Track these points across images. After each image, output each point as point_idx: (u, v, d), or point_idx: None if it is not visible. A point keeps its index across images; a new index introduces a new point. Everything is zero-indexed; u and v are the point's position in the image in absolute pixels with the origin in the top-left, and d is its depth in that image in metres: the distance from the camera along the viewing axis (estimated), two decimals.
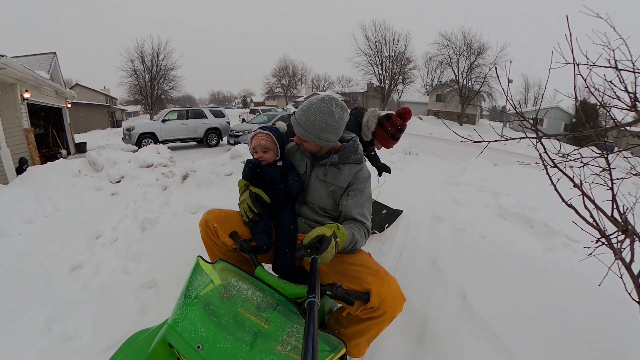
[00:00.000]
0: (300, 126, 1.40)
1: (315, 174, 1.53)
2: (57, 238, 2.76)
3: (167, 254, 2.51)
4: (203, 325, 0.92)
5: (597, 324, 1.90)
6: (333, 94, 1.84)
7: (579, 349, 1.74)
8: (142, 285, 2.15)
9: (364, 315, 1.19)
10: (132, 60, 33.34)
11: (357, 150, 1.53)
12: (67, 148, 12.45)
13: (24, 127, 8.01)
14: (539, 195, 4.38)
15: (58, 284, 2.13)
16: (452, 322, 1.96)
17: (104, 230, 3.03)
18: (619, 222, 1.20)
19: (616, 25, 1.26)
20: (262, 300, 1.03)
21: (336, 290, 1.04)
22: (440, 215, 3.85)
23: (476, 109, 33.86)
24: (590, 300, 2.07)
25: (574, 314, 2.00)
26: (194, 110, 13.95)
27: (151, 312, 1.89)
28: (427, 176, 6.42)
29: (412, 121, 27.92)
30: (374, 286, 1.15)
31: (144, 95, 34.32)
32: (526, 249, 3.00)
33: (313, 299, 0.83)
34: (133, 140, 11.96)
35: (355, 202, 1.41)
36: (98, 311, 1.88)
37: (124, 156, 5.29)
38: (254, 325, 0.95)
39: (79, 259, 2.44)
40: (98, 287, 2.12)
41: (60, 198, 3.72)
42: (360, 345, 1.34)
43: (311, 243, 1.06)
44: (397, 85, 39.38)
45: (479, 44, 31.05)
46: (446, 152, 12.03)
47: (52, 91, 10.99)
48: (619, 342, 1.76)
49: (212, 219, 1.45)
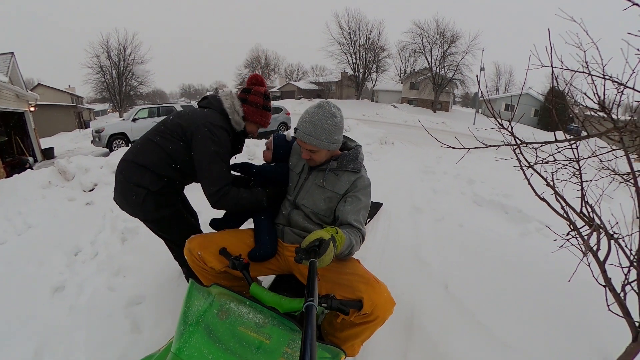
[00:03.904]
0: (309, 136, 1.44)
1: (313, 178, 1.57)
2: (34, 258, 2.63)
3: (151, 266, 2.47)
4: (210, 351, 0.94)
5: (570, 305, 2.07)
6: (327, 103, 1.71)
7: (554, 327, 1.90)
8: (131, 301, 2.11)
9: (358, 320, 1.26)
10: (98, 56, 31.90)
11: (356, 159, 1.56)
12: (33, 155, 11.74)
13: None
14: (511, 181, 4.59)
15: (42, 309, 2.05)
16: (437, 311, 2.06)
17: (82, 244, 2.93)
18: (587, 218, 1.30)
19: (590, 27, 1.33)
20: (260, 318, 1.05)
21: (331, 302, 1.07)
22: (420, 206, 3.98)
23: (449, 96, 34.61)
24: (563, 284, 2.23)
25: (548, 296, 2.17)
26: (165, 107, 13.42)
27: (144, 328, 1.87)
28: (404, 166, 6.57)
29: (387, 110, 28.30)
30: (366, 294, 1.21)
31: (111, 92, 32.88)
32: (502, 235, 3.17)
33: (311, 303, 0.82)
34: (103, 142, 11.42)
35: (352, 208, 1.44)
36: (89, 334, 1.83)
37: (96, 162, 5.08)
38: (255, 341, 0.98)
39: (60, 278, 2.35)
40: (85, 307, 2.06)
41: (31, 213, 3.55)
42: (354, 346, 1.41)
43: (310, 246, 1.05)
44: (371, 73, 39.74)
45: (452, 32, 31.66)
46: (421, 140, 12.30)
47: (12, 95, 10.27)
48: (589, 320, 1.93)
49: (194, 247, 1.46)
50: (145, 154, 1.64)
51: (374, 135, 9.54)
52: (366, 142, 8.67)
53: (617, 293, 1.38)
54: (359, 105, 33.68)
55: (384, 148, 9.04)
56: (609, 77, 1.13)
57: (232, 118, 1.70)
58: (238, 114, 1.71)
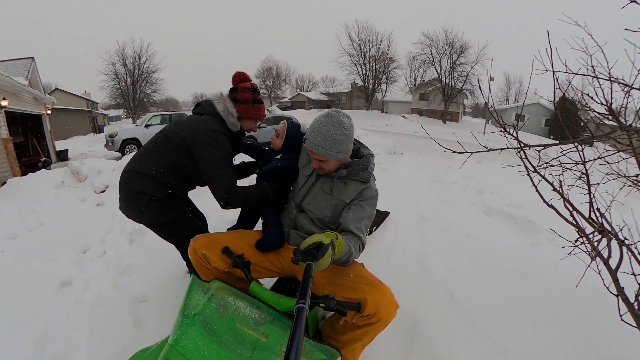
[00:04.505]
0: (319, 147, 1.41)
1: (321, 184, 1.56)
2: (43, 253, 2.69)
3: (157, 266, 2.49)
4: (205, 344, 0.95)
5: (579, 315, 2.00)
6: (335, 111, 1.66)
7: (562, 338, 1.84)
8: (135, 299, 2.13)
9: (360, 322, 1.24)
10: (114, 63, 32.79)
11: (366, 169, 1.53)
12: (47, 156, 12.05)
13: (2, 136, 7.72)
14: (522, 191, 4.51)
15: (47, 302, 2.08)
16: (441, 320, 2.02)
17: (91, 243, 2.97)
18: (595, 223, 1.27)
19: (595, 30, 1.33)
20: (258, 316, 1.05)
21: (329, 302, 1.06)
22: (427, 215, 3.92)
23: (459, 107, 34.46)
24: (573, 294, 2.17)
25: (557, 306, 2.11)
26: (177, 114, 13.68)
27: (147, 326, 1.88)
28: (413, 176, 6.51)
29: (396, 120, 28.29)
30: (370, 295, 1.20)
31: (126, 99, 33.67)
32: (511, 245, 3.11)
33: (302, 305, 0.82)
34: (116, 146, 11.68)
35: (355, 216, 1.42)
36: (92, 328, 1.84)
37: (108, 164, 5.20)
38: (252, 339, 0.98)
39: (68, 274, 2.39)
40: (90, 303, 2.08)
41: (44, 211, 3.64)
42: (355, 351, 1.38)
43: (308, 249, 1.04)
44: (380, 84, 39.85)
45: (460, 43, 31.67)
46: (430, 150, 12.21)
47: (31, 98, 10.62)
48: (598, 330, 1.87)
49: (199, 247, 1.47)
50: (147, 164, 1.68)
51: (383, 145, 9.51)
52: (375, 151, 8.56)
53: (631, 303, 1.33)
54: (368, 116, 33.75)
55: (392, 158, 8.99)
56: (615, 79, 1.12)
57: (228, 120, 1.72)
58: (232, 116, 1.73)
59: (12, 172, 7.61)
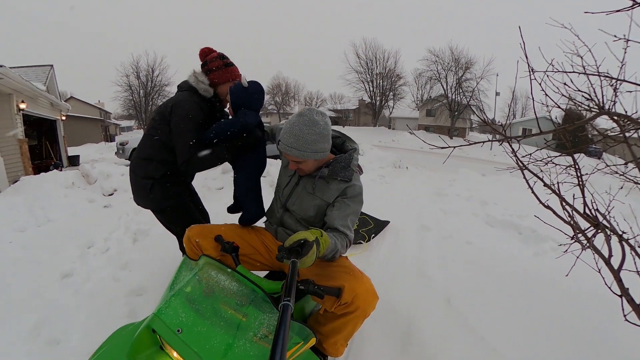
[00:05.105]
0: (292, 148, 1.36)
1: (304, 184, 1.54)
2: (49, 246, 2.76)
3: (157, 264, 2.54)
4: (184, 312, 0.98)
5: (582, 321, 1.96)
6: (324, 110, 1.70)
7: (562, 345, 1.80)
8: (132, 291, 2.16)
9: (339, 311, 1.23)
10: (128, 75, 33.62)
11: (348, 166, 1.48)
12: (59, 160, 12.36)
13: (18, 137, 7.99)
14: (526, 203, 4.45)
15: (48, 290, 2.13)
16: (437, 325, 2.00)
17: (96, 240, 3.04)
18: (590, 218, 1.28)
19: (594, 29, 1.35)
20: (240, 295, 1.08)
21: (309, 285, 1.07)
22: (428, 224, 3.91)
23: (466, 122, 34.44)
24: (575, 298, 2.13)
25: (557, 311, 2.07)
26: None
27: (141, 316, 1.88)
28: (416, 188, 6.50)
29: (403, 136, 28.37)
30: (348, 282, 1.20)
31: (138, 110, 34.41)
32: (513, 254, 3.07)
33: (287, 303, 0.83)
34: (126, 154, 11.88)
35: (339, 213, 1.41)
36: (88, 315, 1.88)
37: (117, 169, 5.33)
38: (232, 317, 1.00)
39: (70, 266, 2.44)
40: (88, 293, 2.13)
41: (52, 208, 3.73)
42: (337, 344, 1.36)
43: (292, 246, 1.04)
44: (387, 101, 40.18)
45: (466, 59, 31.91)
46: (437, 165, 12.18)
47: (47, 103, 11.00)
48: (604, 336, 1.82)
49: (193, 235, 1.51)
50: (145, 148, 1.85)
51: (387, 159, 9.51)
52: (379, 165, 8.67)
53: (637, 304, 1.29)
54: (375, 132, 33.94)
55: (397, 172, 8.96)
56: (604, 74, 1.15)
57: (199, 87, 1.82)
58: (203, 83, 1.83)
59: (25, 172, 7.84)
